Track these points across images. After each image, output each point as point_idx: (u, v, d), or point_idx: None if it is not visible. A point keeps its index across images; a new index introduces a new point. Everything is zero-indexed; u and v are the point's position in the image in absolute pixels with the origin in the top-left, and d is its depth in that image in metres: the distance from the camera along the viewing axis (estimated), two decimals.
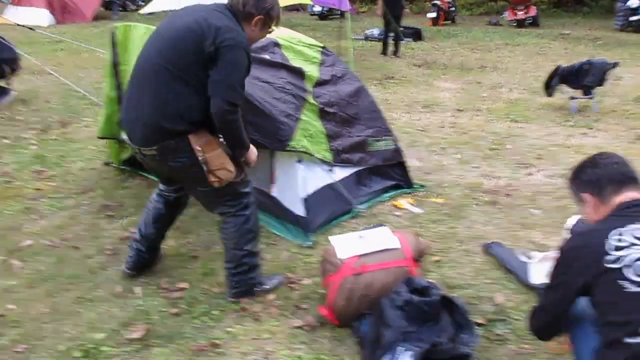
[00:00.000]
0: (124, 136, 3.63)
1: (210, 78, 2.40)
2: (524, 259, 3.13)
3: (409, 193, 4.17)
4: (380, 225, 3.11)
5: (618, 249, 1.69)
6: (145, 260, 2.96)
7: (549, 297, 1.94)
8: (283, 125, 3.30)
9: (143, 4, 14.69)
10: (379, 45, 11.77)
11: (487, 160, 5.05)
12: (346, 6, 10.36)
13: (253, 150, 2.73)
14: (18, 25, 9.63)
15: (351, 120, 3.82)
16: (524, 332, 2.55)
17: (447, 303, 2.39)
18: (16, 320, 2.63)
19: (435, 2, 16.21)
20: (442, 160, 4.99)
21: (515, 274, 3.04)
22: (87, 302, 2.77)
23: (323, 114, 3.60)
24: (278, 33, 3.78)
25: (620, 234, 1.72)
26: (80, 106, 6.82)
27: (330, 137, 3.63)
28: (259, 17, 2.55)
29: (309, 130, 3.45)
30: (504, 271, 3.10)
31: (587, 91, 6.96)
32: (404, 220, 3.72)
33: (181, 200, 2.93)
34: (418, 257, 2.70)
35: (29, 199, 4.00)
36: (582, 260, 1.78)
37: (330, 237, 2.80)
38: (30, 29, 9.87)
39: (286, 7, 16.83)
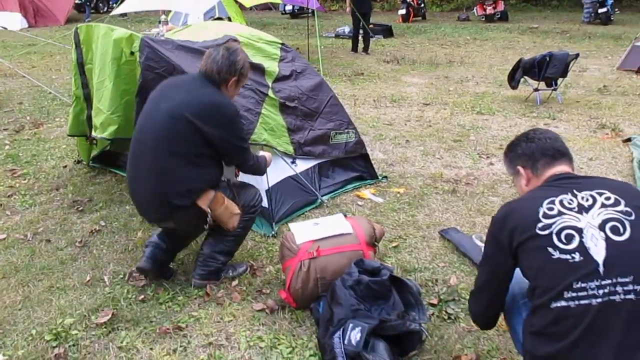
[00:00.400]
0: (96, 134, 3.73)
1: (228, 154, 2.78)
2: (478, 242, 3.32)
3: (372, 184, 4.33)
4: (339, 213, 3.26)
5: (548, 217, 1.77)
6: (163, 258, 2.94)
7: (485, 273, 1.99)
8: (243, 119, 3.43)
9: (115, 5, 14.65)
10: (349, 43, 11.95)
11: (450, 152, 5.24)
12: (315, 4, 10.53)
13: (269, 158, 3.20)
14: None
15: (312, 114, 3.96)
16: None
17: (398, 283, 2.55)
18: None
19: None
20: (406, 152, 5.17)
21: (469, 256, 3.22)
22: (58, 291, 2.89)
23: (283, 108, 3.74)
24: (238, 30, 3.92)
25: (552, 203, 1.81)
26: (52, 107, 6.87)
27: (292, 130, 3.77)
28: (234, 79, 2.74)
29: (269, 124, 3.59)
30: (459, 255, 3.28)
31: (551, 83, 7.21)
32: (366, 210, 3.88)
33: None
34: (372, 242, 2.85)
35: (2, 196, 4.10)
36: (515, 224, 1.83)
37: (289, 224, 2.94)
38: (4, 28, 9.92)
39: (257, 6, 16.95)
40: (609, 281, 1.65)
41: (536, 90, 7.19)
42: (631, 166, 4.82)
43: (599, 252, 1.69)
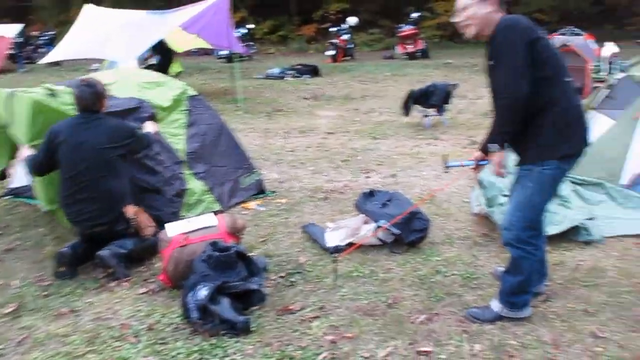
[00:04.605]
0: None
1: (136, 150, 3.98)
2: (327, 231, 4.14)
3: (261, 197, 5.14)
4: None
5: (542, 32, 2.65)
6: (81, 254, 3.71)
7: (508, 66, 2.57)
8: (174, 203, 4.35)
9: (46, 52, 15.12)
10: (277, 83, 12.99)
11: (336, 170, 6.12)
12: (239, 48, 11.53)
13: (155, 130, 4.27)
14: None
15: (222, 169, 4.87)
16: (312, 278, 3.55)
17: (245, 258, 3.32)
18: None
19: (333, 41, 17.67)
20: (297, 172, 6.02)
21: (319, 242, 4.03)
22: None
23: (199, 176, 4.62)
24: (136, 78, 4.73)
25: None
26: None
27: (211, 189, 4.67)
28: (104, 100, 3.84)
29: (193, 196, 4.49)
30: (312, 242, 4.10)
31: (438, 109, 8.28)
32: (248, 216, 4.66)
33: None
34: (233, 232, 3.64)
35: None
36: (526, 25, 2.60)
37: (165, 224, 3.69)
38: None
39: (195, 51, 17.86)
40: None
41: (425, 116, 8.24)
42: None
43: None
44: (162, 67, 11.88)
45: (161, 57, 11.64)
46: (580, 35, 11.23)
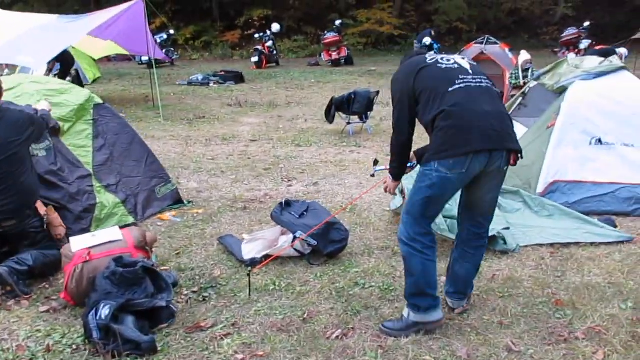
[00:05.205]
0: None
1: (39, 136, 3.92)
2: (244, 242, 4.05)
3: (177, 208, 4.97)
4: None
5: (431, 56, 2.97)
6: None
7: (396, 114, 2.98)
8: (83, 219, 4.12)
9: None
10: (200, 89, 12.73)
11: (258, 178, 6.04)
12: (160, 55, 11.21)
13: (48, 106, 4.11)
14: None
15: (136, 180, 4.68)
16: (226, 292, 3.45)
17: (153, 273, 3.18)
18: None
19: (257, 47, 17.57)
20: (217, 181, 5.88)
21: (235, 255, 3.93)
22: None
23: (110, 188, 4.43)
24: (38, 86, 4.45)
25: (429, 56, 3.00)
26: None
27: (125, 201, 4.48)
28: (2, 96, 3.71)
29: (104, 210, 4.26)
30: (228, 254, 3.99)
31: (362, 116, 8.38)
32: (163, 228, 4.49)
33: None
34: (141, 246, 3.47)
35: None
36: (409, 66, 2.95)
37: (70, 238, 3.48)
38: None
39: (115, 57, 17.24)
40: (474, 76, 2.89)
41: (348, 123, 8.32)
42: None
43: (466, 65, 2.95)
44: (64, 74, 11.33)
45: (61, 64, 11.13)
46: (496, 44, 11.75)
